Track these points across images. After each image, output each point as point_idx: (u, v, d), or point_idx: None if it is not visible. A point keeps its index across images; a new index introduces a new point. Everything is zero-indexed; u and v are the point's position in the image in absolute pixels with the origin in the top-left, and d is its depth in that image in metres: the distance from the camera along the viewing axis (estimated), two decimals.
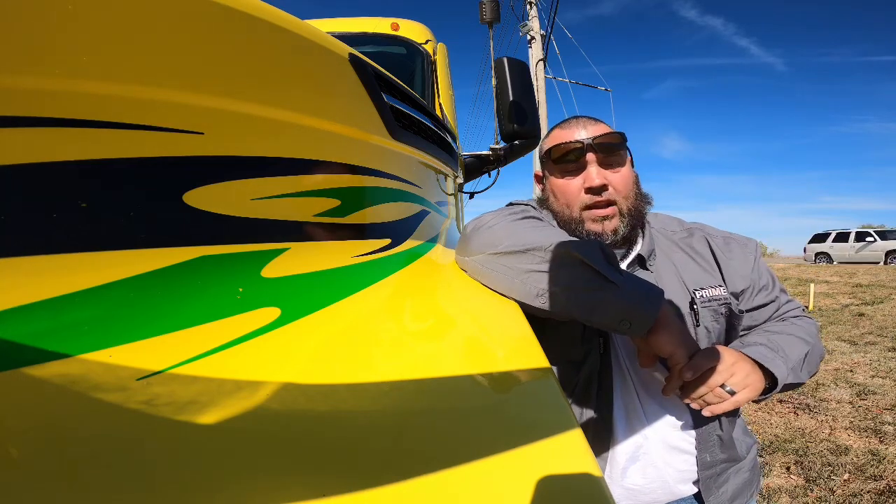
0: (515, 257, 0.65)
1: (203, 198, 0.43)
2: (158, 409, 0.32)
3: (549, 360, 0.47)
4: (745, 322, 0.85)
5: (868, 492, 2.12)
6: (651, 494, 0.78)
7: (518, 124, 1.58)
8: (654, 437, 0.78)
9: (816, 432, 2.75)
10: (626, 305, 0.58)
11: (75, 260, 0.35)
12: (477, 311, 0.64)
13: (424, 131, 0.97)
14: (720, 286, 0.83)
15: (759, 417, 3.03)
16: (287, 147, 0.53)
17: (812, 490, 2.18)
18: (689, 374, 0.64)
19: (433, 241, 0.93)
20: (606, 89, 12.64)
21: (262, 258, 0.48)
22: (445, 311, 0.64)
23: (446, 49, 1.91)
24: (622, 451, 0.78)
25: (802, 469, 2.37)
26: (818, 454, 2.48)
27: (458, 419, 0.37)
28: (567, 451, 0.33)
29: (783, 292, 0.89)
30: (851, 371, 3.83)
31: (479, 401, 0.41)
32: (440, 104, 1.69)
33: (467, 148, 5.74)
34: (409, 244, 0.78)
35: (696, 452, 0.79)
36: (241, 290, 0.45)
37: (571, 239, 0.67)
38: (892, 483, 2.17)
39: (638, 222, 0.84)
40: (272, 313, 0.45)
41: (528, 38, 10.24)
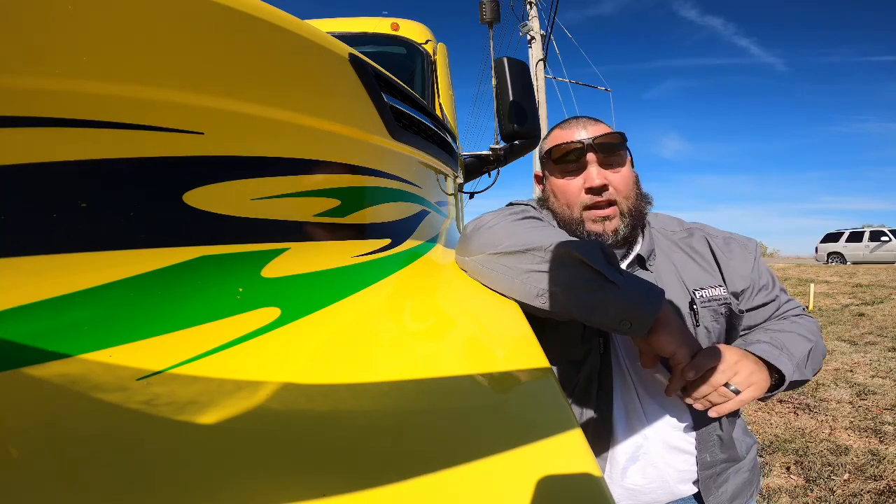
0: (515, 257, 0.65)
1: (203, 198, 0.43)
2: (158, 409, 0.32)
3: (549, 360, 0.47)
4: (746, 322, 0.85)
5: (868, 492, 2.12)
6: (651, 494, 0.78)
7: (518, 124, 1.58)
8: (654, 437, 0.78)
9: (816, 432, 2.75)
10: (626, 305, 0.58)
11: (75, 260, 0.35)
12: (477, 311, 0.64)
13: (424, 131, 0.97)
14: (720, 286, 0.82)
15: (759, 417, 3.03)
16: (287, 147, 0.53)
17: (812, 490, 2.18)
18: (692, 373, 0.64)
19: (433, 241, 0.93)
20: (606, 89, 12.65)
21: (262, 258, 0.48)
22: (445, 312, 0.64)
23: (446, 49, 1.91)
24: (622, 451, 0.78)
25: (802, 469, 2.37)
26: (818, 454, 2.48)
27: (458, 419, 0.37)
28: (567, 451, 0.33)
29: (783, 292, 0.88)
30: (851, 371, 3.83)
31: (479, 401, 0.41)
32: (440, 104, 1.68)
33: (467, 148, 5.74)
34: (409, 244, 0.78)
35: (696, 452, 0.79)
36: (241, 290, 0.45)
37: (571, 239, 0.67)
38: (892, 483, 2.17)
39: (638, 222, 0.84)
40: (272, 313, 0.45)
41: (528, 38, 10.24)
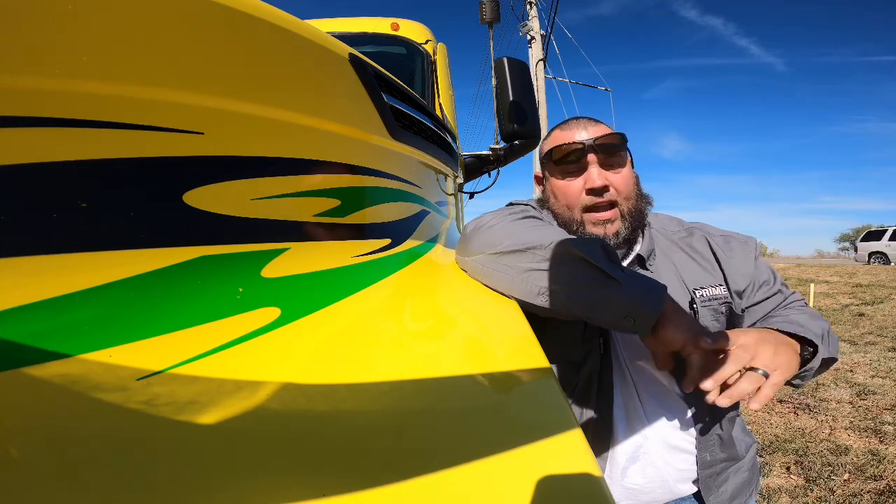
0: (516, 256, 0.65)
1: (203, 198, 0.43)
2: (158, 409, 0.32)
3: (549, 359, 0.47)
4: (748, 319, 0.85)
5: (868, 492, 2.12)
6: (651, 494, 0.78)
7: (518, 124, 1.58)
8: (654, 437, 0.78)
9: (816, 432, 2.75)
10: (628, 302, 0.57)
11: (75, 260, 0.35)
12: (477, 311, 0.64)
13: (424, 131, 0.97)
14: (720, 285, 0.82)
15: (759, 417, 3.03)
16: (287, 147, 0.53)
17: (812, 490, 2.18)
18: (708, 340, 0.59)
19: (433, 241, 0.93)
20: (606, 89, 12.64)
21: (262, 258, 0.48)
22: (445, 312, 0.64)
23: (446, 49, 1.91)
24: (622, 450, 0.78)
25: (802, 469, 2.37)
26: (818, 454, 2.48)
27: (458, 419, 0.37)
28: (567, 451, 0.33)
29: (785, 286, 0.88)
30: (851, 371, 3.83)
31: (479, 401, 0.41)
32: (440, 104, 1.68)
33: (467, 148, 5.74)
34: (409, 244, 0.78)
35: (696, 452, 0.79)
36: (241, 290, 0.45)
37: (572, 237, 0.67)
38: (892, 483, 2.17)
39: (639, 223, 0.84)
40: (272, 313, 0.45)
41: (528, 38, 10.24)
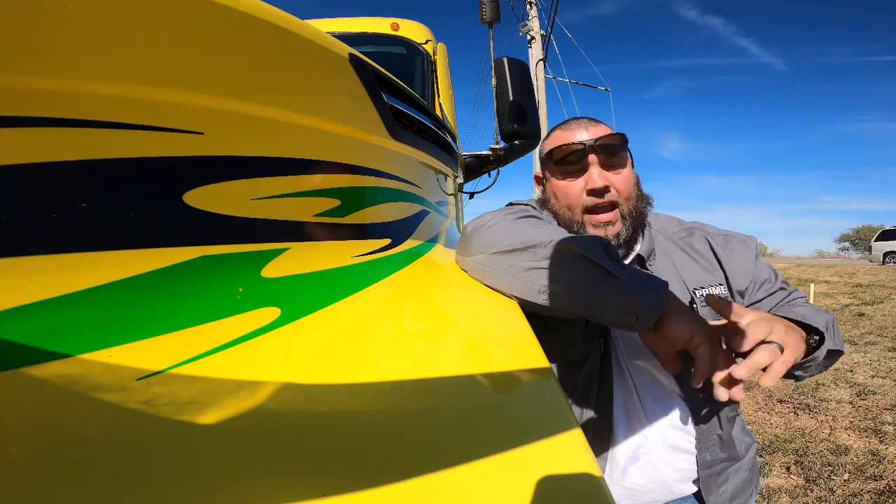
0: (516, 255, 0.65)
1: (203, 198, 0.43)
2: (158, 409, 0.32)
3: (549, 359, 0.47)
4: None
5: (868, 492, 2.12)
6: (651, 494, 0.78)
7: (518, 124, 1.58)
8: (654, 437, 0.78)
9: (816, 432, 2.75)
10: (630, 298, 0.56)
11: (75, 260, 0.35)
12: (477, 311, 0.64)
13: (424, 131, 0.97)
14: (720, 285, 0.83)
15: (759, 417, 3.03)
16: (287, 147, 0.53)
17: (812, 490, 2.18)
18: (727, 307, 0.58)
19: (433, 241, 0.93)
20: (606, 89, 12.64)
21: (262, 258, 0.48)
22: (445, 311, 0.64)
23: (446, 49, 1.91)
24: (622, 450, 0.78)
25: (802, 469, 2.37)
26: (818, 454, 2.48)
27: (458, 419, 0.37)
28: (567, 451, 0.33)
29: (785, 284, 0.88)
30: (851, 371, 3.83)
31: (479, 401, 0.41)
32: (440, 104, 1.68)
33: (467, 148, 5.74)
34: (409, 244, 0.78)
35: (696, 452, 0.79)
36: (241, 290, 0.45)
37: (571, 235, 0.66)
38: (892, 483, 2.17)
39: (639, 224, 0.84)
40: (272, 313, 0.45)
41: (528, 38, 10.24)
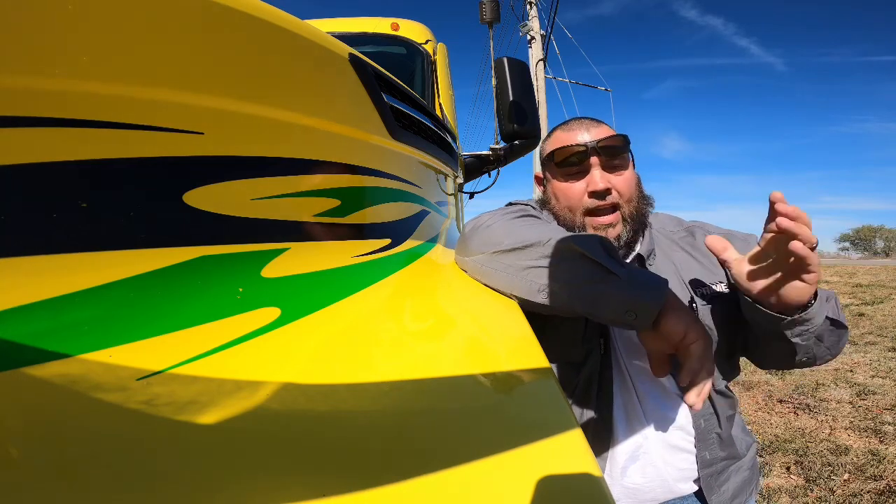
0: (515, 254, 0.65)
1: (203, 198, 0.43)
2: (158, 409, 0.32)
3: (549, 359, 0.47)
4: None
5: (868, 492, 2.13)
6: (651, 493, 0.78)
7: (518, 124, 1.58)
8: (654, 437, 0.78)
9: (816, 432, 2.75)
10: (629, 296, 0.56)
11: (75, 260, 0.35)
12: (477, 311, 0.64)
13: (424, 131, 0.97)
14: (721, 283, 0.83)
15: (759, 417, 3.03)
16: (287, 147, 0.53)
17: (812, 490, 2.18)
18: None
19: (433, 241, 0.93)
20: (606, 89, 12.65)
21: (262, 258, 0.48)
22: (445, 311, 0.64)
23: (446, 49, 1.91)
24: (622, 450, 0.78)
25: (802, 469, 2.37)
26: (818, 454, 2.48)
27: (458, 419, 0.37)
28: (567, 451, 0.33)
29: None
30: (851, 371, 3.83)
31: (479, 401, 0.41)
32: (440, 104, 1.68)
33: (467, 148, 5.74)
34: (409, 244, 0.78)
35: (695, 451, 0.79)
36: (241, 290, 0.45)
37: (570, 233, 0.66)
38: (892, 483, 2.17)
39: (640, 225, 0.84)
40: (272, 313, 0.45)
41: (528, 38, 10.24)
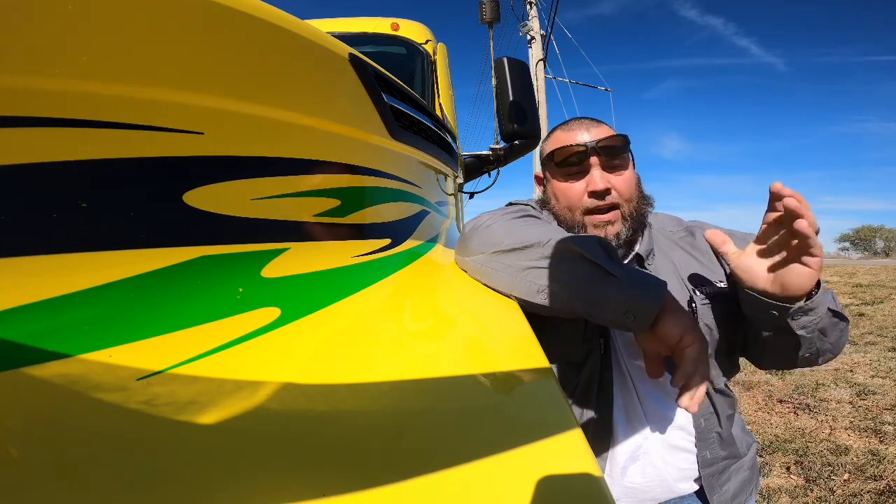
0: (515, 255, 0.65)
1: (203, 198, 0.43)
2: (158, 409, 0.32)
3: (549, 359, 0.47)
4: None
5: (868, 492, 2.13)
6: (651, 493, 0.78)
7: (518, 124, 1.58)
8: (654, 437, 0.78)
9: (816, 432, 2.75)
10: (628, 298, 0.57)
11: (75, 260, 0.35)
12: (477, 311, 0.64)
13: (424, 131, 0.97)
14: (721, 282, 0.83)
15: (759, 417, 3.03)
16: (287, 147, 0.53)
17: (812, 490, 2.18)
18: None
19: (433, 241, 0.93)
20: (606, 89, 12.65)
21: (262, 258, 0.48)
22: (445, 311, 0.64)
23: (446, 49, 1.92)
24: (622, 450, 0.78)
25: (802, 469, 2.37)
26: (818, 454, 2.48)
27: (458, 419, 0.37)
28: (567, 451, 0.33)
29: None
30: (851, 371, 3.83)
31: (479, 401, 0.41)
32: (440, 104, 1.68)
33: (467, 148, 5.74)
34: (409, 244, 0.78)
35: (696, 450, 0.79)
36: (241, 290, 0.45)
37: (570, 234, 0.66)
38: (892, 483, 2.17)
39: (640, 225, 0.84)
40: (272, 313, 0.45)
41: (528, 38, 10.24)
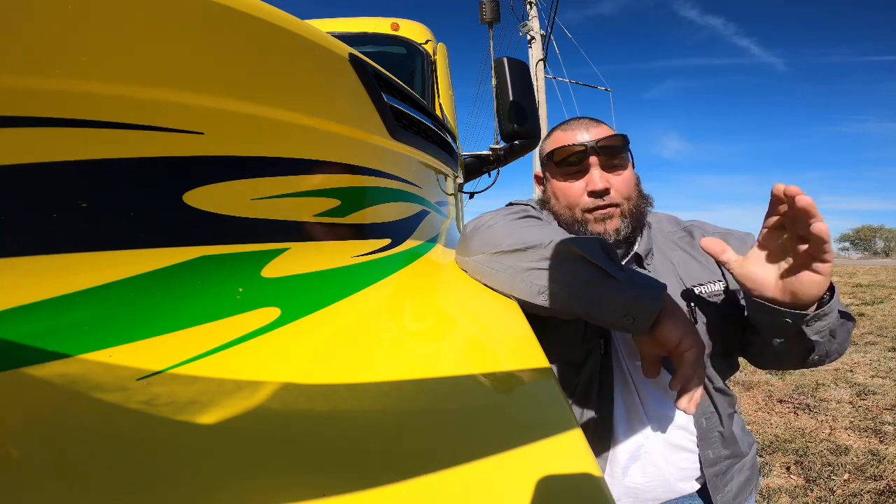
0: (516, 255, 0.65)
1: (203, 198, 0.43)
2: (158, 409, 0.32)
3: (549, 359, 0.47)
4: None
5: (868, 492, 2.12)
6: (652, 493, 0.78)
7: (518, 124, 1.58)
8: (655, 437, 0.78)
9: (816, 432, 2.75)
10: (628, 300, 0.57)
11: (75, 260, 0.35)
12: (477, 311, 0.64)
13: (424, 131, 0.97)
14: (719, 281, 0.83)
15: (759, 417, 3.03)
16: (287, 147, 0.53)
17: (812, 490, 2.18)
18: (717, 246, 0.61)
19: (433, 241, 0.93)
20: (606, 89, 12.66)
21: (262, 258, 0.48)
22: (445, 311, 0.64)
23: (446, 49, 1.92)
24: (623, 450, 0.78)
25: (802, 469, 2.37)
26: (818, 454, 2.48)
27: (458, 419, 0.37)
28: (567, 451, 0.33)
29: None
30: (851, 371, 3.83)
31: (479, 401, 0.41)
32: (440, 104, 1.68)
33: (467, 148, 5.74)
34: (409, 244, 0.78)
35: (698, 450, 0.79)
36: (241, 290, 0.45)
37: (571, 235, 0.67)
38: (892, 483, 2.17)
39: (639, 223, 0.84)
40: (272, 313, 0.45)
41: (528, 38, 10.24)
